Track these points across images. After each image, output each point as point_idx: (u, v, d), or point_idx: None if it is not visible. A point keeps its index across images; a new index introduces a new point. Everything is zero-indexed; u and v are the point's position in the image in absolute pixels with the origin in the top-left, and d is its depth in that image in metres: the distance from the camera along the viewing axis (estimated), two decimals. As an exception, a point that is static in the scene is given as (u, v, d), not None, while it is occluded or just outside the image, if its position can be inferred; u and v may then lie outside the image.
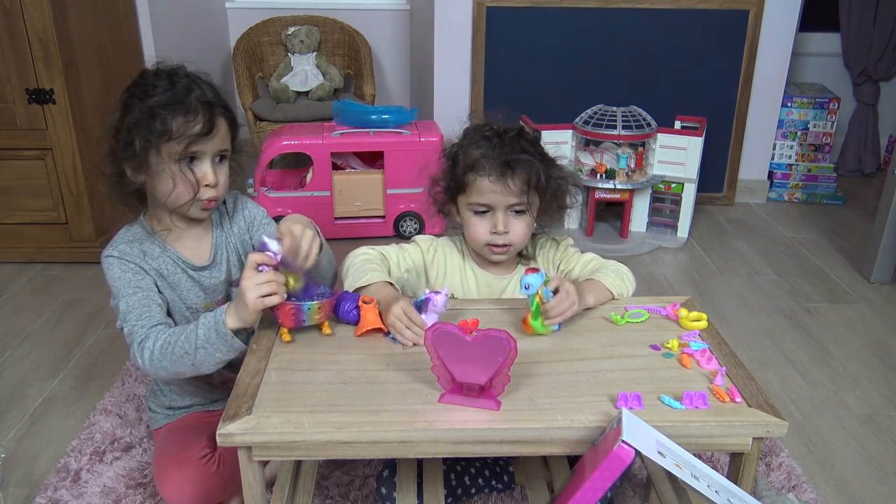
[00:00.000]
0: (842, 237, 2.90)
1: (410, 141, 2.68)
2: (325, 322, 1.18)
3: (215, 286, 1.38)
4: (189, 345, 1.16)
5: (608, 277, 1.31)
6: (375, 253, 1.36)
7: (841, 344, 2.12)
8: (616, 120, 2.69)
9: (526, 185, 1.28)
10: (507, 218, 1.31)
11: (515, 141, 1.30)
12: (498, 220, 1.30)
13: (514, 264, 1.42)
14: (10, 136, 2.34)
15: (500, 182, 1.28)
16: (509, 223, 1.31)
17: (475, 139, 1.33)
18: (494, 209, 1.30)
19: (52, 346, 2.03)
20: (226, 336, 1.14)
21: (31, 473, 1.55)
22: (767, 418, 0.99)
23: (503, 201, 1.29)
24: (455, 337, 0.97)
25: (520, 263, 1.42)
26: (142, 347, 1.20)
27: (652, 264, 2.66)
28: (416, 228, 2.79)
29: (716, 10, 2.93)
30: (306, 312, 1.14)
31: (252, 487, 1.01)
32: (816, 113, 3.26)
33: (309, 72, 3.48)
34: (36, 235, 2.49)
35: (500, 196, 1.29)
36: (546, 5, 2.90)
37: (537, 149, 1.33)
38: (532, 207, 1.32)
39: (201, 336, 1.15)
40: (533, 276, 1.16)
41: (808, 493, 1.52)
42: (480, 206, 1.31)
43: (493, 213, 1.31)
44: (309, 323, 1.16)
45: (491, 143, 1.30)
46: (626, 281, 1.34)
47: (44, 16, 2.20)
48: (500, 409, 1.00)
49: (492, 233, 1.31)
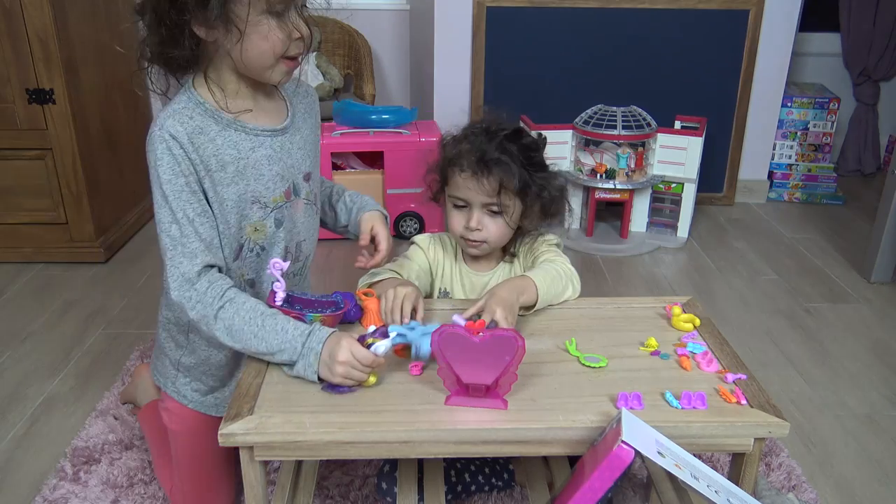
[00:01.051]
0: (842, 237, 2.90)
1: (410, 141, 2.69)
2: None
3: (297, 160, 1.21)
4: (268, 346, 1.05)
5: (540, 276, 1.24)
6: (384, 270, 1.35)
7: (841, 344, 2.12)
8: (616, 120, 2.69)
9: (499, 187, 1.27)
10: (482, 216, 1.31)
11: (503, 142, 1.29)
12: (472, 217, 1.31)
13: (495, 261, 1.43)
14: (10, 136, 2.34)
15: (473, 179, 1.28)
16: (483, 221, 1.31)
17: (466, 134, 1.33)
18: (471, 205, 1.31)
19: (52, 346, 2.03)
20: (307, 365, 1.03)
21: (31, 473, 1.55)
22: (769, 419, 0.99)
23: (478, 199, 1.29)
24: (462, 339, 0.97)
25: (503, 261, 1.43)
26: (217, 318, 1.07)
27: (652, 264, 2.66)
28: (416, 228, 2.79)
29: (716, 10, 2.93)
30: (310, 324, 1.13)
31: (253, 487, 1.01)
32: (816, 113, 3.26)
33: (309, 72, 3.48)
34: (36, 235, 2.48)
35: (474, 193, 1.29)
36: (546, 5, 2.90)
37: (527, 153, 1.30)
38: (509, 210, 1.30)
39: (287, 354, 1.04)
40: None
41: (808, 493, 1.52)
42: (459, 199, 1.32)
43: (470, 209, 1.31)
44: None
45: (478, 139, 1.30)
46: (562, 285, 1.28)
47: (44, 16, 2.20)
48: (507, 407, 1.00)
49: (465, 227, 1.32)
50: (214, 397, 1.35)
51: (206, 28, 1.05)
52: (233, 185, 1.14)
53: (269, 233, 1.21)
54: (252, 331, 1.06)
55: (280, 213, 1.21)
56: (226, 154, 1.12)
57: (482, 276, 1.42)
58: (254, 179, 1.16)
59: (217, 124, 1.12)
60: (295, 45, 1.09)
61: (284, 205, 1.21)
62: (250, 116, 1.15)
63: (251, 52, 1.07)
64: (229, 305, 1.08)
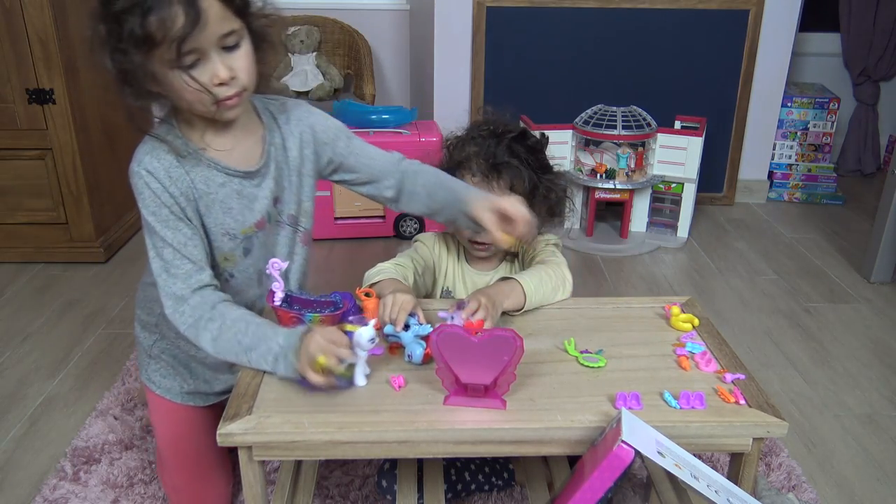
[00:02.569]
0: (842, 237, 2.90)
1: (410, 141, 2.68)
2: None
3: (269, 195, 1.19)
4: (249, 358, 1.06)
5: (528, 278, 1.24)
6: (390, 265, 1.33)
7: (841, 344, 2.12)
8: (616, 120, 2.69)
9: (509, 190, 1.27)
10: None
11: (511, 144, 1.29)
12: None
13: (497, 260, 1.43)
14: (10, 136, 2.34)
15: (484, 183, 1.28)
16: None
17: (473, 135, 1.33)
18: None
19: (52, 346, 2.03)
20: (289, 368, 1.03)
21: (31, 473, 1.55)
22: (768, 419, 0.99)
23: None
24: (460, 338, 0.97)
25: (504, 260, 1.43)
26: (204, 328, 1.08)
27: (652, 264, 2.66)
28: (416, 228, 2.79)
29: (716, 10, 2.93)
30: (307, 323, 1.13)
31: (252, 487, 1.01)
32: (816, 113, 3.26)
33: (309, 72, 3.48)
34: (36, 235, 2.49)
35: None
36: (546, 5, 2.90)
37: (534, 155, 1.31)
38: None
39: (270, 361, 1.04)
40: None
41: (808, 493, 1.52)
42: None
43: None
44: None
45: (486, 142, 1.30)
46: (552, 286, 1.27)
47: (44, 16, 2.20)
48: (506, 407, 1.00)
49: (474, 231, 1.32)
50: (186, 384, 1.35)
51: (140, 87, 1.03)
52: (205, 216, 1.15)
53: (238, 261, 1.22)
54: (236, 338, 1.07)
55: (249, 242, 1.21)
56: (198, 188, 1.13)
57: (484, 275, 1.42)
58: (222, 213, 1.16)
59: (190, 160, 1.12)
60: (220, 90, 1.04)
61: (255, 235, 1.20)
62: (224, 154, 1.15)
63: (184, 103, 1.06)
64: (218, 316, 1.09)
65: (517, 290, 1.22)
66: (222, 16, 1.00)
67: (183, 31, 0.95)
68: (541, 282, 1.25)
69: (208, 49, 1.00)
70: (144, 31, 0.95)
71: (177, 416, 1.36)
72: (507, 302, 1.20)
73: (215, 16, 0.99)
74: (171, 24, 0.94)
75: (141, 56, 0.97)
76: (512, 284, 1.23)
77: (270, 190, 1.20)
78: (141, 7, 0.94)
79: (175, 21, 0.95)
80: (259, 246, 1.22)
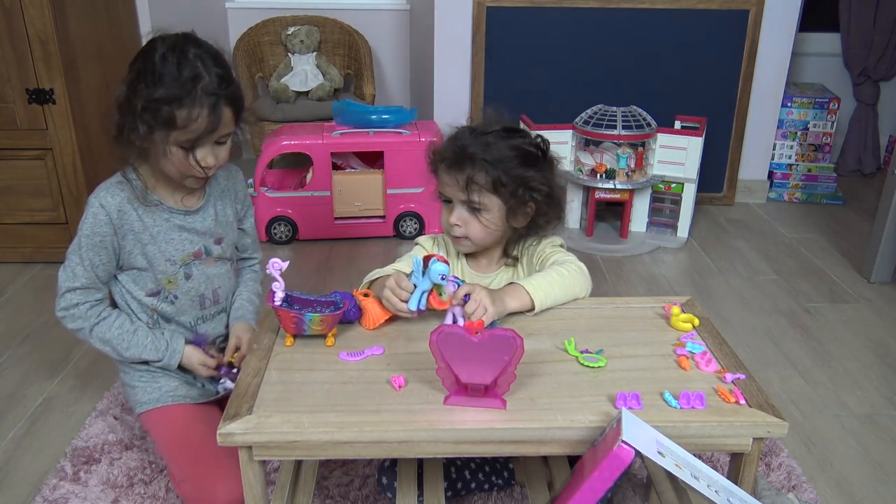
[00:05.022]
0: (842, 237, 2.90)
1: (410, 141, 2.68)
2: (329, 334, 1.16)
3: (207, 228, 1.43)
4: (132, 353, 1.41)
5: (537, 282, 1.25)
6: (389, 268, 1.36)
7: (841, 344, 2.12)
8: (616, 120, 2.69)
9: (467, 183, 1.26)
10: (462, 212, 1.30)
11: (490, 139, 1.28)
12: (452, 213, 1.31)
13: (496, 264, 1.42)
14: (10, 136, 2.34)
15: (448, 174, 1.29)
16: (463, 217, 1.31)
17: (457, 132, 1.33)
18: (453, 201, 1.31)
19: (52, 346, 2.03)
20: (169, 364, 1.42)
21: (31, 473, 1.55)
22: (768, 418, 0.99)
23: (456, 195, 1.30)
24: (461, 338, 0.97)
25: (505, 263, 1.42)
26: (98, 324, 1.37)
27: (652, 264, 2.66)
28: (417, 228, 2.79)
29: (716, 10, 2.93)
30: (307, 323, 1.13)
31: (252, 487, 1.01)
32: (816, 113, 3.26)
33: (309, 72, 3.48)
34: (36, 235, 2.48)
35: (451, 189, 1.30)
36: (546, 5, 2.90)
37: (518, 151, 1.29)
38: (486, 207, 1.29)
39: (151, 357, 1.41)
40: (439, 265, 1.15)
41: (808, 493, 1.52)
42: (442, 195, 1.33)
43: (453, 205, 1.32)
44: (310, 333, 1.15)
45: (464, 137, 1.30)
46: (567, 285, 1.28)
47: (44, 16, 2.20)
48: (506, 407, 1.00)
49: (447, 223, 1.33)
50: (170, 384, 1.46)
51: (136, 140, 1.29)
52: (149, 245, 1.37)
53: (180, 284, 1.42)
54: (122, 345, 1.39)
55: (189, 268, 1.42)
56: (145, 221, 1.36)
57: (484, 277, 1.41)
58: (165, 243, 1.38)
59: (142, 202, 1.35)
60: (199, 171, 1.30)
61: (194, 262, 1.42)
62: (174, 199, 1.39)
63: (164, 169, 1.32)
64: (103, 322, 1.38)
65: (520, 292, 1.23)
66: (228, 121, 1.29)
67: (202, 128, 1.25)
68: (551, 282, 1.26)
69: (208, 141, 1.28)
70: (171, 116, 1.22)
71: (173, 414, 1.42)
72: (511, 302, 1.21)
73: (225, 120, 1.28)
74: (194, 119, 1.24)
75: (162, 133, 1.24)
76: (514, 287, 1.24)
77: (214, 216, 1.44)
78: (179, 101, 1.22)
79: (199, 119, 1.24)
80: (199, 273, 1.44)
